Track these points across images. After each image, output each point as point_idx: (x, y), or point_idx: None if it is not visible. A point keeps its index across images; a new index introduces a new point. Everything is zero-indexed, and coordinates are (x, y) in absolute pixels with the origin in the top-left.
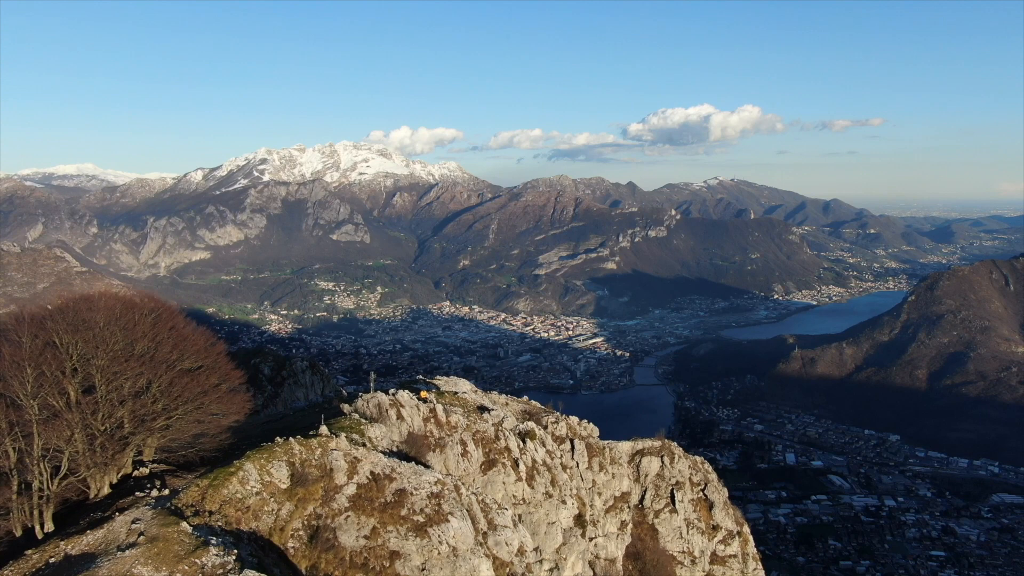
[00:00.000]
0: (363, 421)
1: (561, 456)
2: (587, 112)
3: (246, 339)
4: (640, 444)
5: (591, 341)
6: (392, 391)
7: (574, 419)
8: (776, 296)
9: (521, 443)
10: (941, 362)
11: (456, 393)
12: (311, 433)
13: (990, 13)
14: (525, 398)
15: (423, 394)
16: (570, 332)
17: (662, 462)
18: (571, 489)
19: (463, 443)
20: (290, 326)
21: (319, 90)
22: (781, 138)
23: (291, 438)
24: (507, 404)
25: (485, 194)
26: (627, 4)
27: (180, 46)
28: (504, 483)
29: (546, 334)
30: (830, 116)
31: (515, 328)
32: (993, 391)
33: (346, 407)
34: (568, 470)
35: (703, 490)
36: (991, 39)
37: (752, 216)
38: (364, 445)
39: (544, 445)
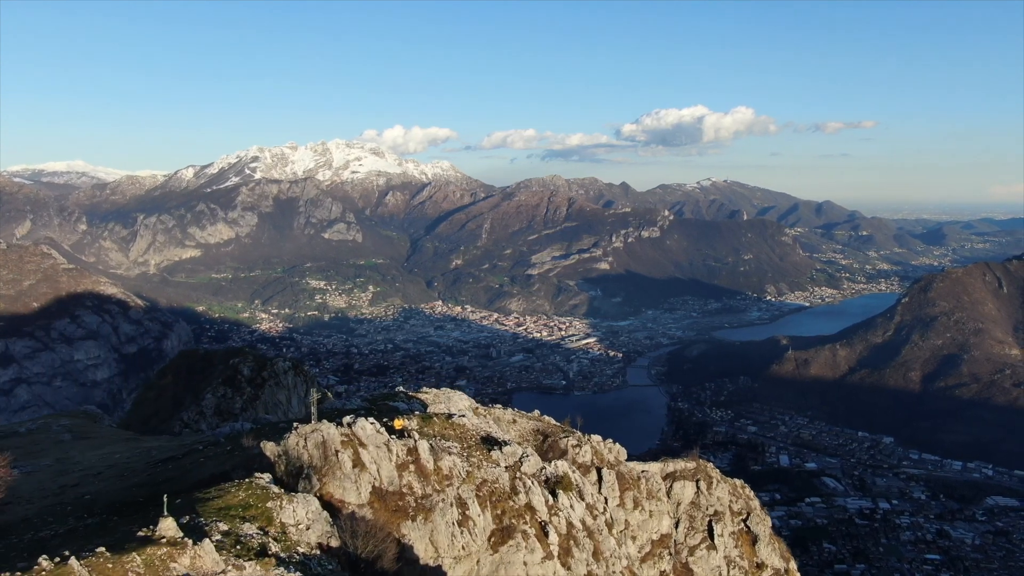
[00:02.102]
0: (272, 491)
1: (605, 512)
2: (581, 112)
3: (236, 338)
4: (671, 466)
5: (584, 341)
6: (348, 420)
7: (597, 438)
8: (769, 297)
9: (551, 497)
10: (935, 364)
11: (450, 416)
12: (141, 534)
13: (984, 15)
14: (536, 412)
15: (398, 423)
16: (563, 332)
17: (697, 488)
18: (620, 559)
19: (461, 503)
20: (281, 325)
21: (312, 88)
22: (774, 140)
23: (73, 557)
24: (514, 421)
25: (478, 194)
26: (622, 4)
27: (172, 42)
28: (526, 564)
29: (539, 334)
30: (823, 118)
31: (508, 328)
32: (987, 393)
33: (271, 449)
34: (613, 530)
35: (745, 521)
36: (985, 42)
37: (745, 217)
38: (263, 553)
39: (583, 497)
